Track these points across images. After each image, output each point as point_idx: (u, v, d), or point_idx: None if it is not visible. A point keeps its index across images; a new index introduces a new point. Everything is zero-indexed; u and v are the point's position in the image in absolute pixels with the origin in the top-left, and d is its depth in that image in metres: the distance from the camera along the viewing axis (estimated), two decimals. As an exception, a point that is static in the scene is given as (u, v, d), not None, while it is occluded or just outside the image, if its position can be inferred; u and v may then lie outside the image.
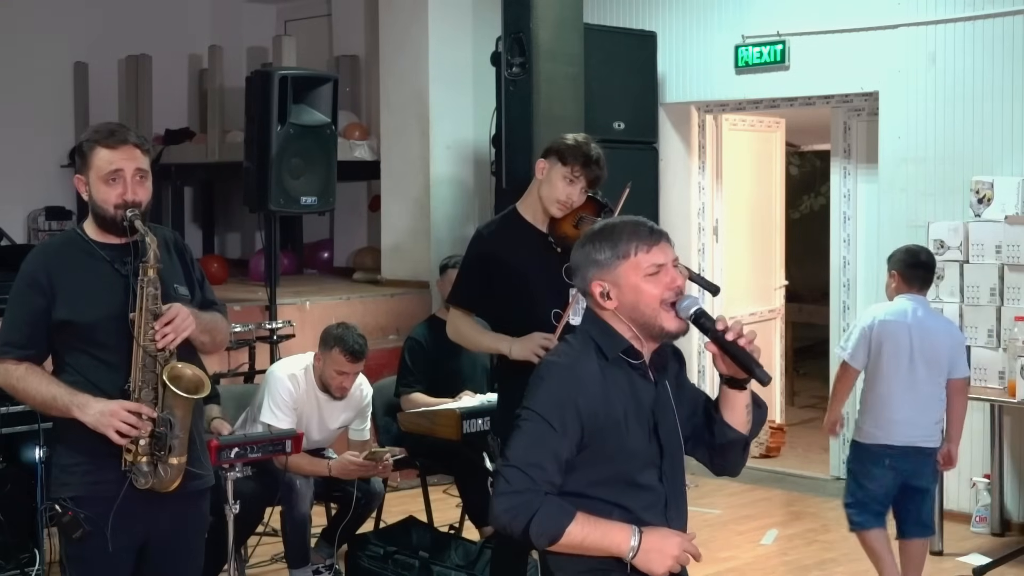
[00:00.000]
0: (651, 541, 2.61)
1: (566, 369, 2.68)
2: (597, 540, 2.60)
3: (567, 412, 2.62)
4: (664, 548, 2.61)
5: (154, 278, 3.25)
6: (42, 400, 3.27)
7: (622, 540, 2.60)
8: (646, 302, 2.68)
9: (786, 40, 7.09)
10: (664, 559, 2.61)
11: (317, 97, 6.77)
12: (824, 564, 5.88)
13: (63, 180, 9.44)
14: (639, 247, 2.69)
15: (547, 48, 6.32)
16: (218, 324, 3.50)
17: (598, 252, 2.71)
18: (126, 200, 3.26)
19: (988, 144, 6.37)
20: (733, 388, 2.76)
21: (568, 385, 2.65)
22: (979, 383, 5.98)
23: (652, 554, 2.60)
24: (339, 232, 9.93)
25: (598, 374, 2.67)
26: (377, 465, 5.21)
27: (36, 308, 3.27)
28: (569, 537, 2.58)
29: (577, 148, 4.12)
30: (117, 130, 3.34)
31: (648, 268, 2.68)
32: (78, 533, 3.24)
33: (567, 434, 2.61)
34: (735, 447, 2.82)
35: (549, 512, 2.58)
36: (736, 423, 2.80)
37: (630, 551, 2.60)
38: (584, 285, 2.75)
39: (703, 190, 7.95)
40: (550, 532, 2.58)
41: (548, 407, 2.63)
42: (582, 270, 2.76)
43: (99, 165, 3.28)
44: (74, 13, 9.35)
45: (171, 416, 3.25)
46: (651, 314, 2.68)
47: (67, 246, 3.37)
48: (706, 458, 2.88)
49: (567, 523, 2.58)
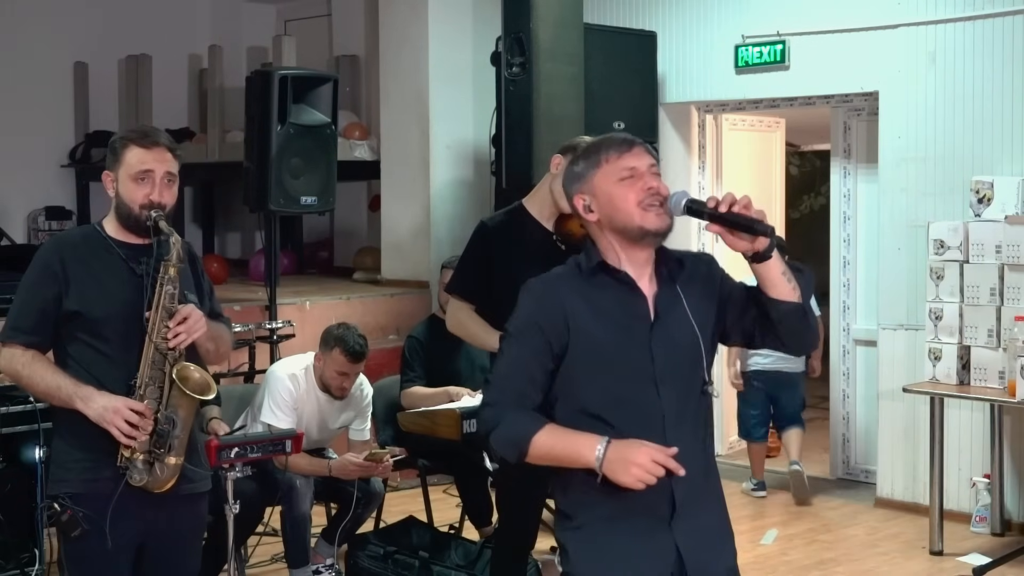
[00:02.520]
0: (617, 450, 2.56)
1: (538, 287, 2.75)
2: (564, 448, 2.61)
3: (534, 325, 2.68)
4: (630, 456, 2.54)
5: (174, 277, 3.28)
6: (45, 387, 3.28)
7: (588, 449, 2.58)
8: (622, 207, 2.69)
9: (786, 40, 7.09)
10: (628, 467, 2.54)
11: (317, 97, 6.77)
12: (824, 564, 5.88)
13: (63, 180, 9.45)
14: (610, 152, 2.73)
15: (547, 48, 6.32)
16: (223, 335, 3.55)
17: (576, 166, 2.79)
18: (152, 201, 3.29)
19: (988, 144, 6.37)
20: (758, 262, 2.72)
21: (537, 302, 2.72)
22: (979, 383, 5.98)
23: (617, 463, 2.55)
24: (339, 232, 9.94)
25: (574, 290, 2.71)
26: (377, 465, 5.21)
27: (47, 296, 3.29)
28: (535, 447, 2.62)
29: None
30: (151, 132, 3.39)
31: (621, 172, 2.70)
32: (76, 532, 3.24)
33: (534, 347, 2.67)
34: (795, 317, 2.75)
35: (514, 421, 2.64)
36: (782, 294, 2.73)
37: (596, 460, 2.57)
38: (572, 206, 2.79)
39: (703, 190, 7.95)
40: (515, 441, 2.63)
41: (519, 325, 2.72)
42: (567, 189, 2.81)
43: (130, 163, 3.31)
44: (74, 13, 9.36)
45: (175, 415, 3.26)
46: (627, 217, 2.69)
47: (85, 240, 3.40)
48: (777, 342, 2.82)
49: (533, 432, 2.62)
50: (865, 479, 7.23)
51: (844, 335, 7.41)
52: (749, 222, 2.67)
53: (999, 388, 5.86)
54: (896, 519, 6.58)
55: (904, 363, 6.65)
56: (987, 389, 5.94)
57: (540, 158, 6.05)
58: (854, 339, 7.37)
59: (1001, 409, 6.19)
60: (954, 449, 6.41)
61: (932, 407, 6.08)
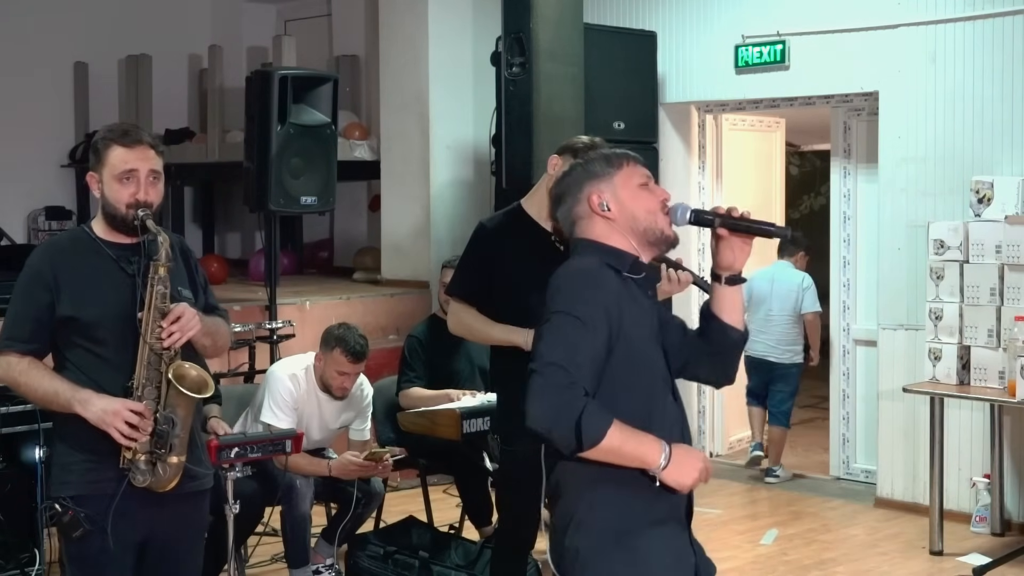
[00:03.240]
0: (679, 454, 2.61)
1: (587, 272, 2.69)
2: (632, 449, 2.58)
3: (595, 309, 2.61)
4: (692, 460, 2.62)
5: (164, 276, 3.27)
6: (43, 394, 3.28)
7: (654, 451, 2.59)
8: (648, 208, 2.76)
9: (786, 40, 7.09)
10: (692, 471, 2.61)
11: (317, 97, 6.77)
12: (824, 564, 5.88)
13: (63, 180, 9.46)
14: (627, 160, 2.82)
15: (547, 48, 6.32)
16: (220, 328, 3.52)
17: (592, 166, 2.82)
18: (138, 200, 3.28)
19: (988, 144, 6.37)
20: (731, 284, 2.82)
21: (592, 284, 2.66)
22: (979, 383, 5.98)
23: (683, 466, 2.60)
24: (339, 232, 9.93)
25: (619, 283, 2.71)
26: (377, 465, 5.21)
27: (40, 303, 3.28)
28: (610, 440, 2.53)
29: (592, 147, 4.12)
30: (132, 130, 3.36)
31: (641, 178, 2.79)
32: (78, 532, 3.24)
33: (598, 331, 2.59)
34: (736, 348, 2.86)
35: (594, 411, 2.53)
36: (735, 321, 2.83)
37: (662, 461, 2.59)
38: (577, 203, 2.79)
39: (703, 190, 7.96)
40: (595, 433, 2.52)
41: (576, 304, 2.62)
42: (575, 188, 2.81)
43: (114, 163, 3.29)
44: (74, 13, 9.36)
45: (173, 414, 3.26)
46: (651, 219, 2.76)
47: (74, 243, 3.38)
48: (708, 372, 2.91)
49: (607, 426, 2.54)
50: (865, 479, 7.23)
51: (844, 335, 7.41)
52: (766, 226, 2.78)
53: (999, 388, 5.86)
54: (896, 519, 6.58)
55: (904, 363, 6.65)
56: (987, 389, 5.94)
57: (540, 158, 6.04)
58: (854, 339, 7.36)
59: (1001, 409, 6.19)
60: (954, 449, 6.41)
61: (932, 407, 6.08)
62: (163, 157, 3.38)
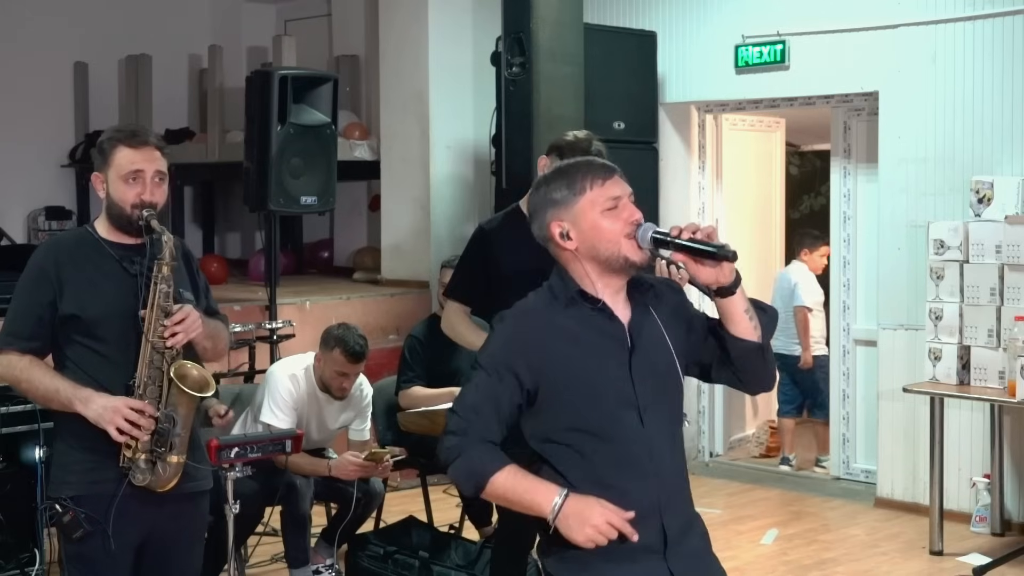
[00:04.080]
0: (574, 506, 2.53)
1: (512, 319, 2.70)
2: (520, 495, 2.58)
3: (507, 361, 2.62)
4: (587, 515, 2.51)
5: (168, 276, 3.28)
6: (44, 392, 3.28)
7: (545, 499, 2.55)
8: (607, 238, 2.64)
9: (786, 40, 7.09)
10: (582, 527, 2.51)
11: (317, 97, 6.77)
12: (824, 564, 5.88)
13: (63, 180, 9.45)
14: (594, 181, 2.66)
15: (547, 48, 6.32)
16: (221, 332, 3.54)
17: (555, 191, 2.69)
18: (143, 200, 3.29)
19: (988, 144, 6.37)
20: (723, 297, 2.68)
21: (511, 334, 2.67)
22: (979, 383, 5.98)
23: (571, 519, 2.52)
24: (339, 232, 9.93)
25: (551, 321, 2.65)
26: (377, 465, 5.21)
27: (42, 301, 3.29)
28: (493, 486, 2.58)
29: (576, 145, 4.13)
30: (139, 131, 3.38)
31: (606, 202, 2.65)
32: (78, 533, 3.24)
33: (505, 382, 2.61)
34: (753, 356, 2.72)
35: (476, 456, 2.59)
36: (743, 332, 2.70)
37: (551, 512, 2.54)
38: (542, 229, 2.71)
39: (703, 190, 7.95)
40: (474, 477, 2.59)
41: (489, 357, 2.66)
42: (539, 213, 2.72)
43: (120, 164, 3.30)
44: (74, 13, 9.35)
45: (175, 413, 3.26)
46: (613, 249, 2.64)
47: (77, 242, 3.39)
48: (732, 378, 2.79)
49: (492, 471, 2.57)
50: (865, 479, 7.23)
51: (844, 335, 7.41)
52: (712, 247, 2.60)
53: (999, 388, 5.86)
54: (896, 519, 6.58)
55: (904, 363, 6.65)
56: (987, 389, 5.94)
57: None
58: (854, 339, 7.36)
59: (1001, 409, 6.18)
60: (954, 449, 6.41)
61: (932, 407, 6.08)
62: (168, 158, 3.40)
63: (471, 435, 2.60)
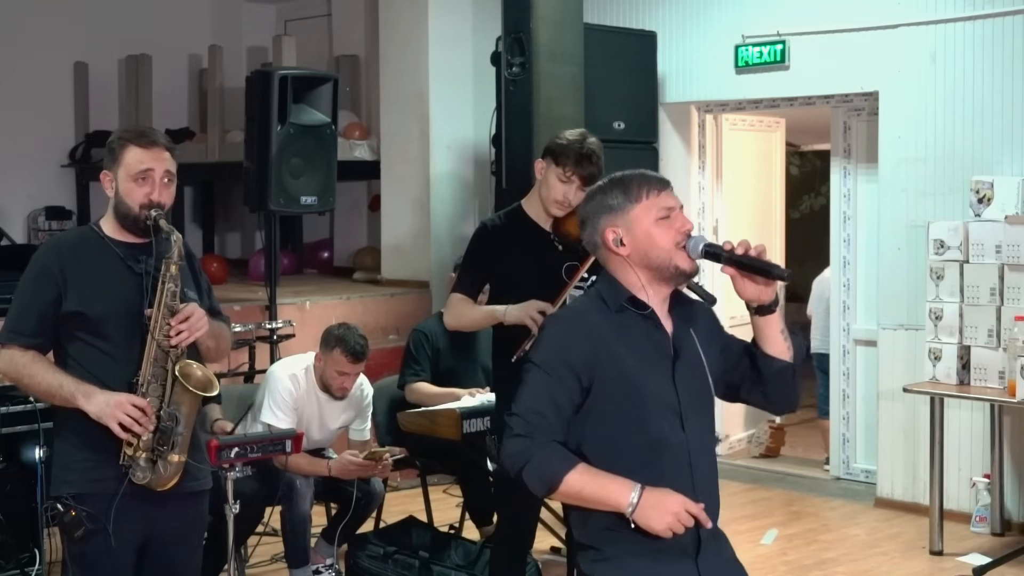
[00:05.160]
0: (651, 498, 2.59)
1: (565, 321, 2.76)
2: (595, 491, 2.61)
3: (564, 361, 2.65)
4: (665, 504, 2.58)
5: (176, 275, 3.29)
6: (47, 387, 3.28)
7: (622, 494, 2.59)
8: (660, 246, 2.72)
9: (786, 40, 7.09)
10: (662, 517, 2.58)
11: (317, 97, 6.77)
12: (824, 564, 5.88)
13: (63, 180, 9.45)
14: (650, 191, 2.77)
15: (547, 48, 6.32)
16: (224, 333, 3.57)
17: (611, 198, 2.77)
18: (152, 200, 3.31)
19: (988, 144, 6.37)
20: (761, 315, 2.79)
21: (566, 335, 2.70)
22: (979, 383, 5.98)
23: (650, 511, 2.58)
24: (339, 232, 9.93)
25: (601, 324, 2.71)
26: (377, 465, 5.21)
27: (46, 298, 3.30)
28: (567, 486, 2.60)
29: (569, 147, 4.14)
30: (149, 132, 3.41)
31: (660, 211, 2.74)
32: (80, 532, 3.24)
33: (564, 382, 2.64)
34: (784, 376, 2.83)
35: (547, 458, 2.60)
36: (777, 351, 2.81)
37: (629, 506, 2.58)
38: (595, 234, 2.78)
39: (703, 190, 7.95)
40: (546, 478, 2.60)
41: (546, 357, 2.69)
42: (593, 219, 2.79)
43: (130, 163, 3.32)
44: (74, 13, 9.35)
45: (177, 412, 3.27)
46: (664, 256, 2.73)
47: (82, 240, 3.40)
48: (761, 398, 2.88)
49: (565, 471, 2.59)
50: (865, 479, 7.23)
51: (844, 335, 7.41)
52: (768, 266, 2.73)
53: (999, 388, 5.86)
54: (896, 519, 6.58)
55: (904, 363, 6.65)
56: (987, 389, 5.94)
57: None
58: (854, 339, 7.36)
59: (1001, 409, 6.19)
60: (954, 449, 6.41)
61: (932, 407, 6.08)
62: (177, 160, 3.41)
63: (537, 436, 2.63)
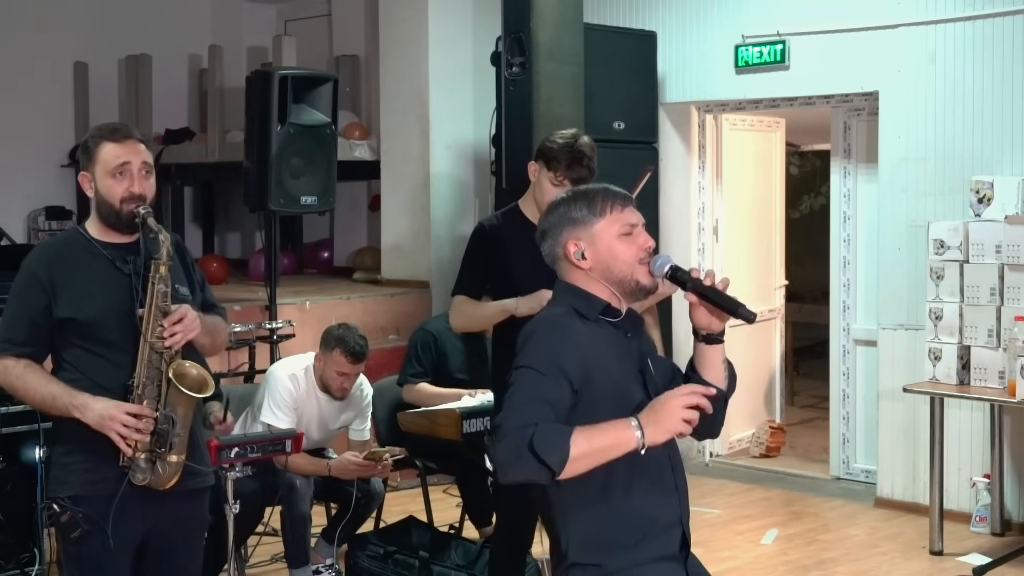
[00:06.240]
0: (649, 415, 2.58)
1: (552, 323, 2.73)
2: (602, 442, 2.56)
3: (556, 361, 2.64)
4: (665, 409, 2.57)
5: (165, 275, 3.27)
6: (41, 399, 3.28)
7: (624, 432, 2.56)
8: (622, 260, 2.74)
9: (786, 40, 7.09)
10: (671, 418, 2.56)
11: (317, 97, 6.77)
12: (824, 564, 5.88)
13: (63, 180, 9.44)
14: (614, 206, 2.78)
15: (547, 48, 6.32)
16: (219, 327, 3.54)
17: (574, 211, 2.78)
18: (132, 193, 3.29)
19: (988, 144, 6.37)
20: (710, 344, 2.79)
21: (554, 336, 2.69)
22: (979, 383, 5.97)
23: (657, 426, 2.56)
24: (339, 232, 9.93)
25: (584, 330, 2.71)
26: (377, 465, 5.21)
27: (37, 306, 3.29)
28: (577, 447, 2.53)
29: (560, 151, 4.15)
30: (120, 127, 3.40)
31: (623, 227, 2.76)
32: (76, 532, 3.24)
33: (559, 381, 2.62)
34: (716, 404, 2.77)
35: (546, 431, 2.54)
36: (716, 379, 2.81)
37: (637, 436, 2.56)
38: (556, 246, 2.79)
39: (703, 190, 7.95)
40: (556, 447, 2.52)
41: (537, 358, 2.66)
42: (555, 230, 2.80)
43: (106, 159, 3.31)
44: (74, 13, 9.35)
45: (173, 413, 3.26)
46: (626, 271, 2.74)
47: (68, 244, 3.39)
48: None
49: (568, 435, 2.54)
50: (865, 479, 7.23)
51: (844, 335, 7.41)
52: (733, 304, 2.71)
53: (999, 388, 5.86)
54: (896, 519, 6.58)
55: (904, 363, 6.65)
56: (987, 389, 5.94)
57: (540, 158, 6.04)
58: (854, 339, 7.36)
59: (1001, 409, 6.18)
60: (954, 449, 6.41)
61: (932, 407, 6.08)
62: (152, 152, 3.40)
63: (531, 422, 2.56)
